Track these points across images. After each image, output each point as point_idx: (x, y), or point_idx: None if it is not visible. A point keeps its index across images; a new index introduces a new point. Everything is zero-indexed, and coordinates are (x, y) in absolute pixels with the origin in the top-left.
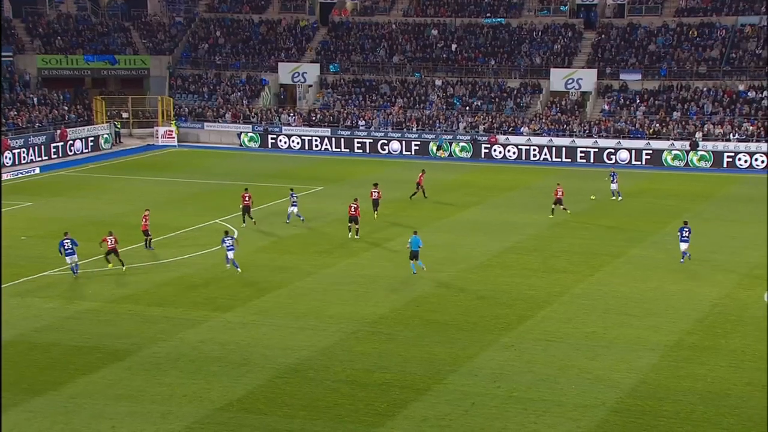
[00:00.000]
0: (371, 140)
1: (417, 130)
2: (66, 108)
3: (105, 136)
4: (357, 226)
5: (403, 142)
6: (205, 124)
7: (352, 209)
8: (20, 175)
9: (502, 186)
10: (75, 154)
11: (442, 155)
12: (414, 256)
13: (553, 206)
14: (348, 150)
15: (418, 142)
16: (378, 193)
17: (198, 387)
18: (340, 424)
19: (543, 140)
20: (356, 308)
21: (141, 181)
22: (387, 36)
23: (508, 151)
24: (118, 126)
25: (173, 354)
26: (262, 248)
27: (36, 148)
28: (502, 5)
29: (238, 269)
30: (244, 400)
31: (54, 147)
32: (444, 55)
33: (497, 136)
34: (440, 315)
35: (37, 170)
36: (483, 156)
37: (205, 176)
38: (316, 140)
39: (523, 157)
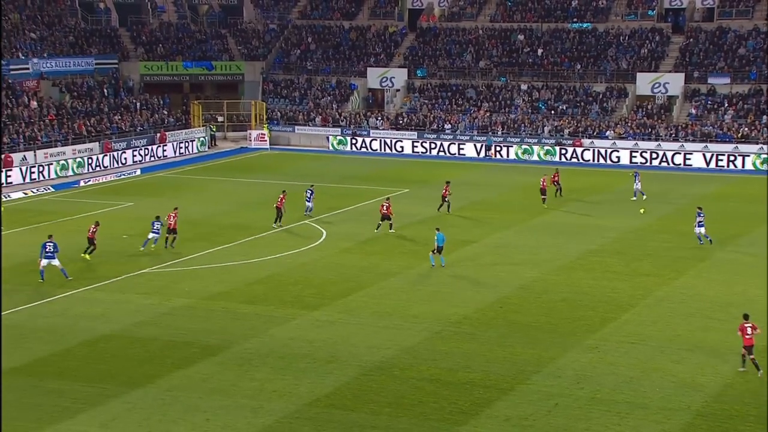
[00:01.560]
0: (456, 143)
1: (502, 133)
2: (165, 112)
3: (201, 139)
4: (390, 222)
5: (478, 145)
6: (296, 127)
7: (384, 208)
8: (122, 176)
9: (585, 189)
10: (173, 156)
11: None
12: (438, 251)
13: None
14: (434, 153)
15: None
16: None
17: (287, 383)
18: (424, 421)
19: (628, 144)
20: (440, 308)
21: (234, 182)
22: (474, 41)
23: (593, 154)
24: (214, 129)
25: (263, 350)
26: (347, 249)
27: (137, 150)
28: (588, 10)
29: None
30: (331, 396)
31: (154, 149)
32: (530, 60)
33: (582, 140)
34: (523, 316)
35: (138, 172)
36: (567, 159)
37: (295, 178)
38: (402, 143)
39: (608, 161)
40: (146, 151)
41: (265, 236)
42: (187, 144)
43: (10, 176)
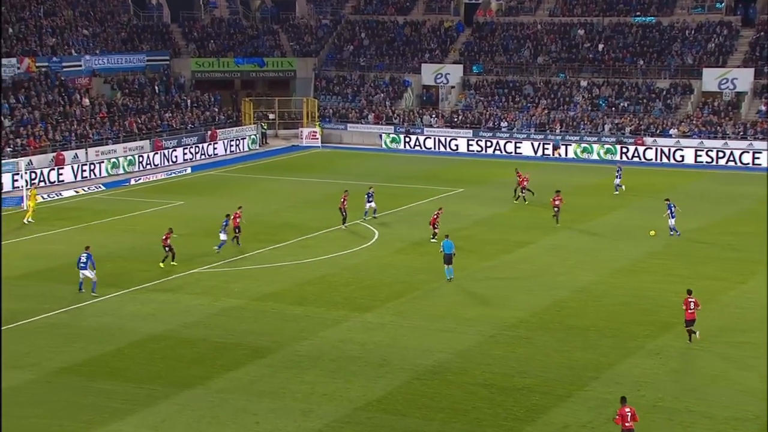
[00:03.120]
0: (513, 142)
1: (560, 131)
2: (216, 110)
3: (252, 137)
4: (435, 230)
5: (536, 143)
6: (348, 125)
7: (435, 216)
8: (173, 175)
9: (647, 189)
10: (223, 154)
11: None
12: (448, 260)
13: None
14: (489, 152)
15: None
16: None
17: (338, 386)
18: (478, 427)
19: (693, 142)
20: (495, 311)
21: (284, 181)
22: (532, 36)
23: (656, 153)
24: (265, 127)
25: (314, 352)
26: (400, 250)
27: (188, 148)
28: (653, 3)
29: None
30: (383, 401)
31: (204, 147)
32: (590, 56)
33: (644, 138)
34: (581, 320)
35: (189, 170)
36: (629, 158)
37: (346, 177)
38: (457, 141)
39: (671, 160)
40: (197, 149)
41: (317, 236)
42: (237, 142)
43: (62, 174)
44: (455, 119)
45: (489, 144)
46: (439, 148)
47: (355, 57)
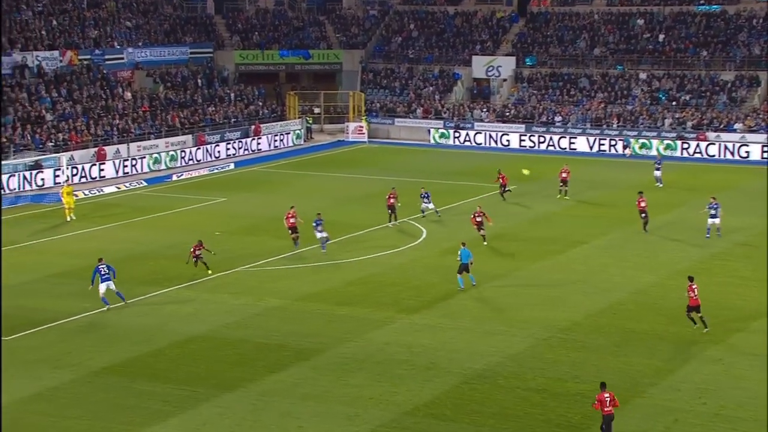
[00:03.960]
0: (567, 137)
1: (617, 126)
2: (260, 103)
3: (297, 131)
4: (483, 233)
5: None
6: (396, 119)
7: (476, 218)
8: (215, 171)
9: (709, 187)
10: (267, 150)
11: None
12: (464, 269)
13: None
14: (542, 147)
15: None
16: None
17: (384, 390)
18: None
19: (759, 137)
20: (548, 313)
21: (330, 177)
22: (588, 27)
23: (719, 149)
24: (310, 121)
25: (359, 355)
26: (448, 249)
27: (231, 143)
28: None
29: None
30: (430, 405)
31: (248, 142)
32: (650, 47)
33: (706, 134)
34: (638, 324)
35: (232, 166)
36: (690, 154)
37: (394, 173)
38: (508, 137)
39: (736, 156)
40: (240, 144)
41: (362, 234)
42: (282, 137)
43: (103, 170)
44: (507, 113)
45: (542, 139)
46: (489, 144)
47: (403, 49)
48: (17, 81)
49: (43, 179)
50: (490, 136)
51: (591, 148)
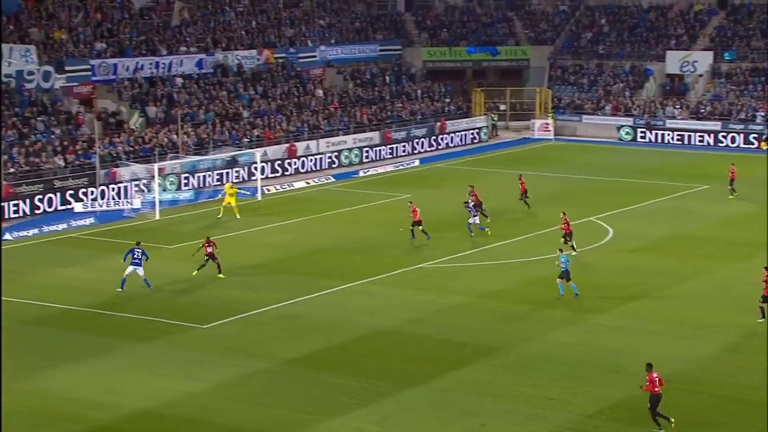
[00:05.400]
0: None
1: None
2: (447, 100)
3: (482, 128)
4: (572, 243)
5: None
6: (584, 116)
7: (565, 224)
8: (401, 167)
9: None
10: (453, 146)
11: (764, 147)
12: (565, 275)
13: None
14: (741, 146)
15: None
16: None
17: (565, 391)
18: None
19: None
20: (739, 318)
21: (515, 175)
22: None
23: None
24: (495, 118)
25: (540, 354)
26: (635, 249)
27: (417, 140)
28: None
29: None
30: (614, 409)
31: (434, 139)
32: None
33: None
34: None
35: (417, 162)
36: None
37: (580, 171)
38: (703, 134)
39: None
40: (426, 140)
41: (546, 233)
42: (467, 134)
43: (294, 165)
44: (701, 110)
45: (740, 137)
46: (682, 141)
47: (593, 44)
48: (218, 79)
49: (238, 173)
50: (683, 134)
51: None
